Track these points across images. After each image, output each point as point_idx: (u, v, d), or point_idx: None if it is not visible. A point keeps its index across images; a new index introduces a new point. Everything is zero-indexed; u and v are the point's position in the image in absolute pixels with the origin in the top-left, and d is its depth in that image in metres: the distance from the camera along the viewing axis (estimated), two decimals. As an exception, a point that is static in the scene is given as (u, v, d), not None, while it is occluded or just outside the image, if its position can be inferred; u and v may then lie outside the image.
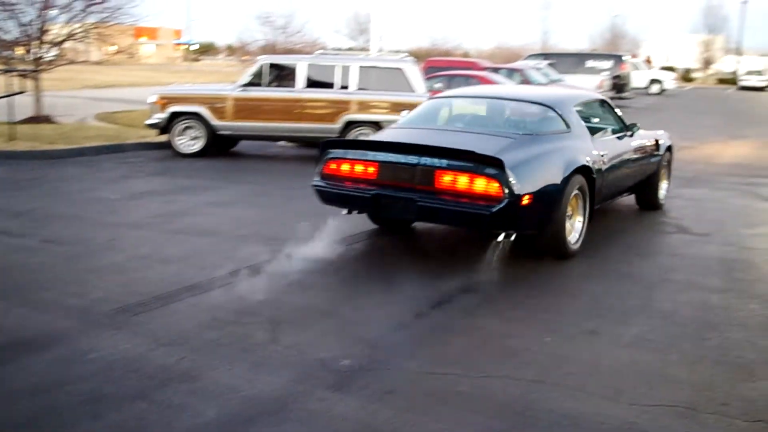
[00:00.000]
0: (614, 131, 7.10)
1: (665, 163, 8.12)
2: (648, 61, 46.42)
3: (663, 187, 8.16)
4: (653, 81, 37.32)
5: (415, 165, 5.46)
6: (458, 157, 5.32)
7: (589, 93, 8.36)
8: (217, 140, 11.43)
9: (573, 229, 5.99)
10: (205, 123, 11.20)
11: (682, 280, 5.52)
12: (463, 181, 5.32)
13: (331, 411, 3.34)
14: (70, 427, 3.18)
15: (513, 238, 5.60)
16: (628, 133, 7.22)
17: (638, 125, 7.47)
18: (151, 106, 11.47)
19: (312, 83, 11.19)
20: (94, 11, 14.26)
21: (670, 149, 8.27)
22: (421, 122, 6.70)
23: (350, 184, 5.82)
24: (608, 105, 7.47)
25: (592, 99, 7.52)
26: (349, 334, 4.24)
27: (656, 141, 7.84)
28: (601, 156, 6.35)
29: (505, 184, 5.20)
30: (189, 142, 11.30)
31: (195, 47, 75.80)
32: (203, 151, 11.25)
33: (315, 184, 6.03)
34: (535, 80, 18.80)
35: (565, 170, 5.70)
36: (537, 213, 5.48)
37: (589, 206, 6.13)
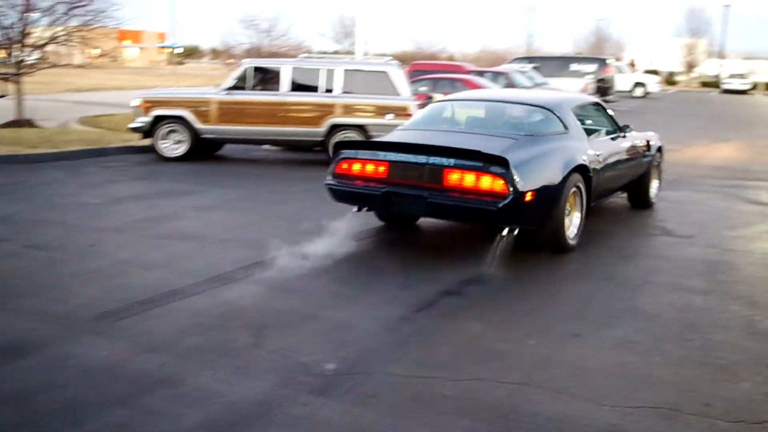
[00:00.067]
0: (608, 132, 7.36)
1: (656, 163, 8.39)
2: (632, 65, 46.72)
3: (654, 185, 8.42)
4: (637, 84, 37.55)
5: (424, 164, 5.72)
6: (465, 157, 5.58)
7: (585, 96, 8.71)
8: (201, 144, 11.35)
9: (571, 225, 6.24)
10: (188, 127, 11.13)
11: (666, 282, 5.55)
12: (469, 179, 5.57)
13: (314, 415, 3.32)
14: (49, 434, 3.14)
15: (516, 233, 5.80)
16: (621, 134, 7.51)
17: (630, 127, 7.75)
18: (135, 109, 11.38)
19: (296, 86, 11.14)
20: (77, 14, 14.15)
21: (660, 150, 8.55)
22: (427, 124, 6.97)
23: (361, 182, 6.08)
24: (602, 107, 7.75)
25: (588, 102, 7.80)
26: (332, 338, 4.22)
27: (647, 142, 8.12)
28: (597, 156, 6.62)
29: (510, 182, 5.46)
30: (173, 145, 11.23)
31: (179, 50, 75.51)
32: (187, 155, 11.18)
33: (327, 183, 6.29)
34: (519, 83, 18.82)
35: (564, 169, 5.97)
36: (539, 209, 5.74)
37: (585, 203, 6.39)
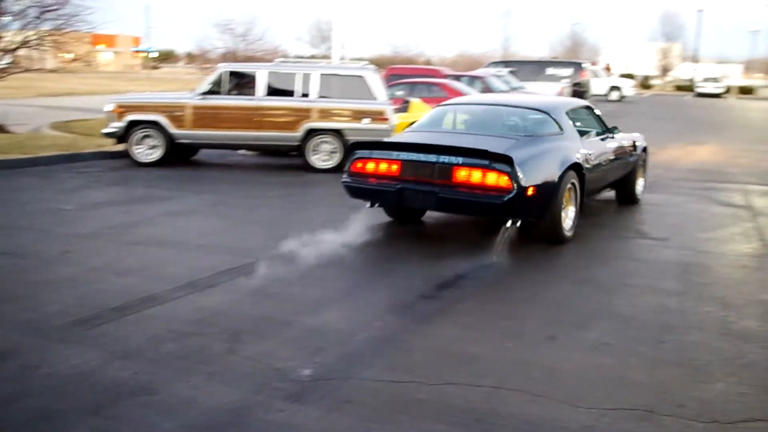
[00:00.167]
0: (598, 133, 7.85)
1: (641, 162, 8.95)
2: (607, 69, 47.22)
3: (640, 183, 8.97)
4: (613, 88, 37.96)
5: (435, 162, 6.20)
6: (473, 155, 6.07)
7: (577, 100, 9.28)
8: (176, 149, 11.28)
9: (567, 218, 6.70)
10: (163, 132, 11.04)
11: (641, 284, 5.59)
12: (477, 175, 6.06)
13: (290, 421, 3.30)
14: (19, 444, 3.09)
15: (518, 224, 6.26)
16: (610, 135, 8.03)
17: (618, 128, 8.30)
18: (108, 114, 11.28)
19: (272, 91, 11.11)
20: (49, 18, 14.01)
21: (645, 150, 9.14)
22: (433, 126, 7.48)
23: (375, 180, 6.53)
24: (592, 110, 8.23)
25: (580, 105, 8.28)
26: (308, 344, 4.20)
27: (634, 142, 8.69)
28: (589, 155, 7.12)
29: (514, 178, 5.95)
30: (147, 151, 11.13)
31: (154, 55, 75.05)
32: (162, 161, 11.09)
33: (344, 181, 6.73)
34: (496, 88, 18.89)
35: (560, 166, 6.44)
36: (539, 202, 6.21)
37: (579, 198, 6.86)
